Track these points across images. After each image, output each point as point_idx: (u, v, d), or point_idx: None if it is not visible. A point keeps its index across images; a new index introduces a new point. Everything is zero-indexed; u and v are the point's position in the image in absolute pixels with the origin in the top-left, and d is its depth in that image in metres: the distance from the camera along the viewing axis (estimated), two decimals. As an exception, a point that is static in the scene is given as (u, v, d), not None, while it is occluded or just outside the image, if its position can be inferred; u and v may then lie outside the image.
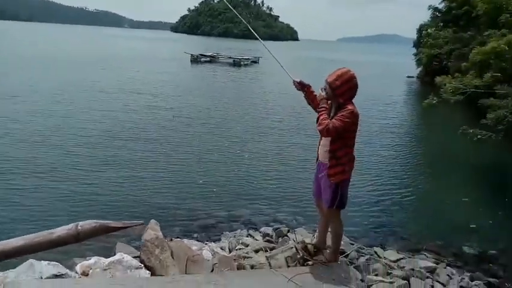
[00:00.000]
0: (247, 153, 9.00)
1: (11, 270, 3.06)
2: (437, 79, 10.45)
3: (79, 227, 2.40)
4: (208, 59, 35.89)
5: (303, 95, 3.47)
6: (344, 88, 3.10)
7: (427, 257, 4.63)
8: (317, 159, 3.44)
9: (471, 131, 8.33)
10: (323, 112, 3.15)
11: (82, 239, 2.44)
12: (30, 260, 3.00)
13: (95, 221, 2.47)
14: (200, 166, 7.85)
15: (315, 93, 3.42)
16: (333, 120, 3.05)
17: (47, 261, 3.08)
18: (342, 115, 3.04)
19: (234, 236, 4.99)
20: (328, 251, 3.60)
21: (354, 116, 3.07)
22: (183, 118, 12.02)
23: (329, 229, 3.62)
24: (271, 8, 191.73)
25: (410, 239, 5.37)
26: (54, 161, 7.40)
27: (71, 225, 2.44)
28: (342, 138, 3.13)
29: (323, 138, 3.27)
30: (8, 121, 9.90)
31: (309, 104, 3.51)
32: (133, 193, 6.29)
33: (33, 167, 7.05)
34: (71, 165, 7.25)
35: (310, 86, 3.43)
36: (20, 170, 6.81)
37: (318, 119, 3.18)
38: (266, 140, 10.22)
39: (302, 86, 3.44)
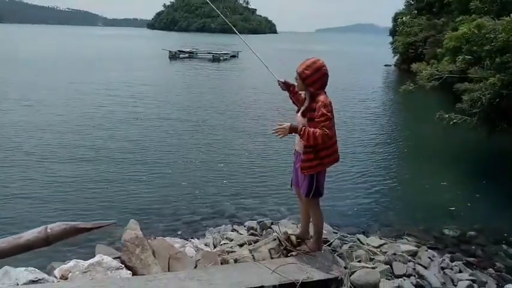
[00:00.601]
0: (229, 148, 8.95)
1: (-17, 279, 2.95)
2: (414, 66, 10.60)
3: (48, 230, 2.33)
4: (186, 55, 35.52)
5: (288, 94, 3.48)
6: (314, 77, 3.10)
7: (409, 241, 4.70)
8: (295, 150, 3.44)
9: (447, 116, 8.50)
10: (305, 129, 3.03)
11: (52, 241, 2.36)
12: (5, 267, 2.91)
13: (64, 222, 2.39)
14: (181, 164, 7.76)
15: (299, 92, 3.41)
16: (319, 126, 2.97)
17: (24, 268, 2.99)
18: (321, 113, 2.99)
19: (219, 232, 4.97)
20: (311, 240, 3.62)
21: (329, 106, 3.07)
22: (163, 116, 11.84)
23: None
24: (247, 1, 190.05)
25: (392, 225, 5.46)
26: (26, 165, 7.21)
27: (40, 229, 2.36)
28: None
29: None
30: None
31: (294, 103, 3.51)
32: (114, 194, 6.17)
33: None
34: (44, 168, 7.07)
35: (294, 86, 3.41)
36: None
37: (307, 137, 3.01)
38: (247, 135, 10.18)
39: (287, 86, 3.46)
